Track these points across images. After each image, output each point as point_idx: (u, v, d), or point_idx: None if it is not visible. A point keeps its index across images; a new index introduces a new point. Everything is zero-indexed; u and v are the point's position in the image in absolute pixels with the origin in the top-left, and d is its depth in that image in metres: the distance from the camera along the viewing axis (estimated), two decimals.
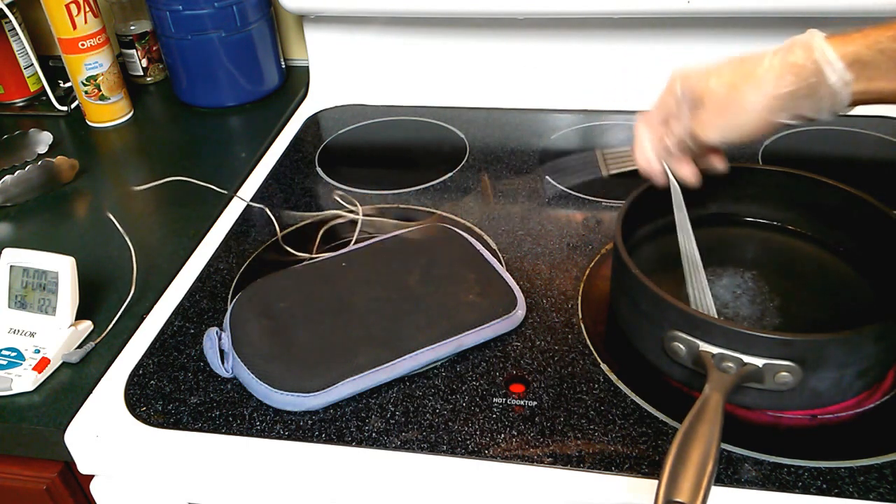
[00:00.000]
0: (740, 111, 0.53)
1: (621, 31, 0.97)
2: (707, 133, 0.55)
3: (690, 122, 0.56)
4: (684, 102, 0.56)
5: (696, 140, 0.56)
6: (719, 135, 0.55)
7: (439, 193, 0.86)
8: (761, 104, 0.52)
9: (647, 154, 0.60)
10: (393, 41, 1.05)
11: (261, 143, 0.99)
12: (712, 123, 0.54)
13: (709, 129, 0.55)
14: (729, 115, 0.54)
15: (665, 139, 0.59)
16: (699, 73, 0.55)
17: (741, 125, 0.53)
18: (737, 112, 0.53)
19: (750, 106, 0.52)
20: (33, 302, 0.68)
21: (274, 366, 0.60)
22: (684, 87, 0.56)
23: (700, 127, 0.55)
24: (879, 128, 0.92)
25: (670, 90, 0.58)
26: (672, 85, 0.57)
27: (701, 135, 0.55)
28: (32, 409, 0.63)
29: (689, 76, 0.56)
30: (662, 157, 0.60)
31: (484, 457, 0.56)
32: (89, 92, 1.02)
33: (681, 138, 0.57)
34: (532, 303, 0.69)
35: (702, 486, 0.44)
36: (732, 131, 0.54)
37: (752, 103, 0.52)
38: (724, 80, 0.54)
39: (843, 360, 0.52)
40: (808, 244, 0.69)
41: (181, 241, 0.81)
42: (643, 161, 0.61)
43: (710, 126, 0.55)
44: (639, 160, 0.61)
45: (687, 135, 0.56)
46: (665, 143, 0.59)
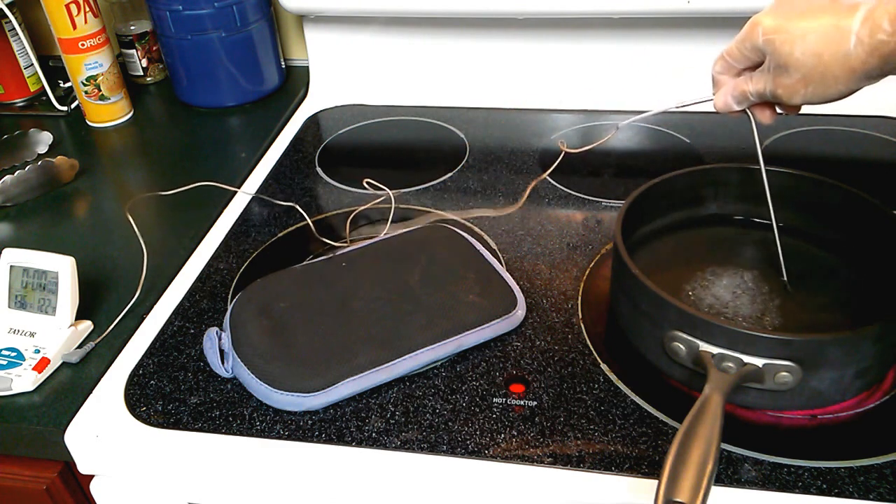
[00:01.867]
0: (826, 83, 0.53)
1: (621, 31, 0.97)
2: (792, 98, 0.55)
3: (773, 83, 0.55)
4: (769, 61, 0.55)
5: (778, 99, 0.56)
6: (803, 100, 0.55)
7: (439, 193, 0.86)
8: (847, 74, 0.52)
9: (730, 102, 0.60)
10: (393, 41, 1.06)
11: (261, 143, 0.99)
12: (797, 91, 0.54)
13: (794, 96, 0.55)
14: (812, 84, 0.53)
15: (747, 91, 0.58)
16: (783, 36, 0.54)
17: (826, 94, 0.54)
18: (823, 84, 0.53)
19: (836, 79, 0.52)
20: (33, 302, 0.68)
21: (274, 366, 0.60)
22: (769, 47, 0.55)
23: (784, 91, 0.55)
24: (879, 128, 0.92)
25: (752, 42, 0.56)
26: (754, 37, 0.56)
27: (786, 98, 0.55)
28: (32, 409, 0.63)
29: (774, 35, 0.54)
30: (743, 105, 0.60)
31: (484, 457, 0.56)
32: (89, 92, 1.03)
33: (763, 94, 0.57)
34: (532, 303, 0.69)
35: (702, 486, 0.44)
36: (816, 98, 0.54)
37: (836, 76, 0.52)
38: (810, 49, 0.52)
39: (843, 360, 0.52)
40: (808, 244, 0.69)
41: (181, 241, 0.81)
42: (724, 107, 0.60)
43: (794, 92, 0.54)
44: (719, 106, 0.61)
45: (771, 93, 0.56)
46: (746, 94, 0.58)
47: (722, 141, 0.92)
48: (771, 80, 0.56)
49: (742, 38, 0.57)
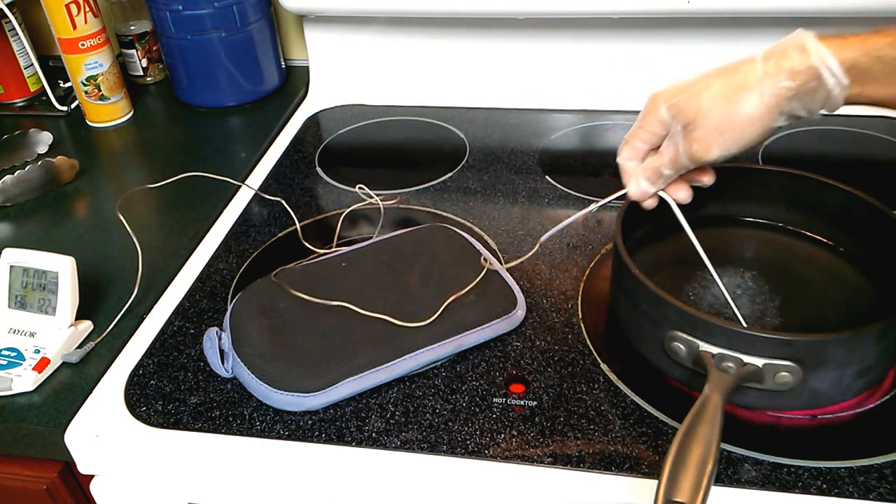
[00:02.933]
0: (740, 123, 0.52)
1: (621, 31, 0.97)
2: (709, 152, 0.53)
3: (685, 143, 0.54)
4: (677, 126, 0.54)
5: (696, 160, 0.54)
6: (721, 151, 0.53)
7: (439, 193, 0.86)
8: (761, 111, 0.51)
9: (644, 185, 0.59)
10: (393, 41, 1.05)
11: (261, 143, 0.99)
12: (712, 141, 0.53)
13: (710, 148, 0.53)
14: (729, 129, 0.52)
15: (660, 167, 0.57)
16: (685, 93, 0.53)
17: (743, 137, 0.52)
18: (737, 125, 0.52)
19: (749, 116, 0.51)
20: (33, 302, 0.68)
21: (274, 366, 0.60)
22: (673, 111, 0.54)
23: (700, 145, 0.53)
24: (879, 128, 0.92)
25: (655, 115, 0.56)
26: (655, 109, 0.55)
27: (701, 154, 0.54)
28: (32, 409, 0.63)
29: (675, 98, 0.54)
30: (658, 185, 0.58)
31: (484, 457, 0.56)
32: (89, 92, 1.02)
33: (679, 163, 0.55)
34: (532, 303, 0.69)
35: (701, 486, 0.44)
36: (734, 144, 0.53)
37: (751, 114, 0.51)
38: (718, 95, 0.52)
39: (843, 360, 0.52)
40: (808, 244, 0.69)
41: (181, 241, 0.81)
42: (639, 194, 0.59)
43: (710, 144, 0.53)
44: (634, 193, 0.60)
45: (686, 158, 0.55)
46: (660, 170, 0.57)
47: None
48: (682, 141, 0.54)
49: (643, 115, 0.56)
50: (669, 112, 0.54)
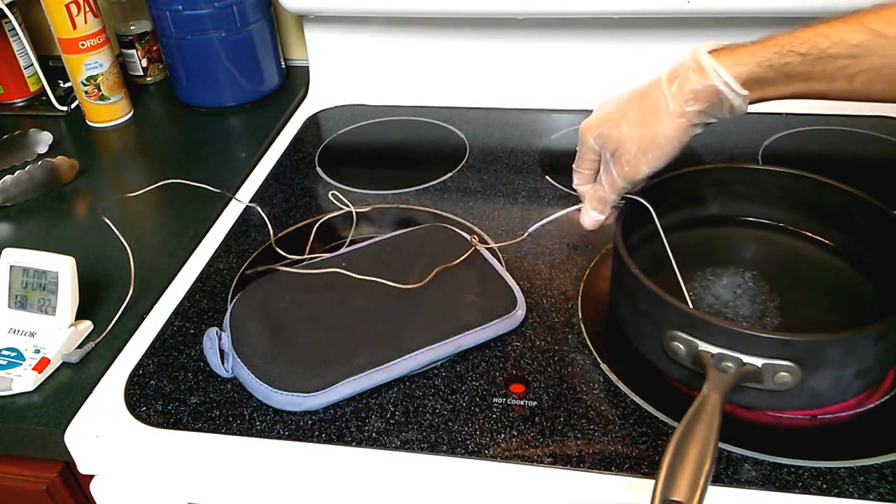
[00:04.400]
0: (659, 143, 0.58)
1: (621, 31, 0.97)
2: (638, 171, 0.59)
3: (616, 167, 0.60)
4: (606, 154, 0.61)
5: (630, 180, 0.60)
6: (649, 168, 0.59)
7: (439, 193, 0.86)
8: (675, 131, 0.57)
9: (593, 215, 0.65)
10: (393, 41, 1.05)
11: (261, 143, 0.99)
12: (639, 161, 0.59)
13: (639, 167, 0.59)
14: (650, 149, 0.58)
15: (603, 196, 0.63)
16: (608, 124, 0.60)
17: (665, 153, 0.58)
18: (656, 145, 0.58)
19: (666, 136, 0.57)
20: (33, 302, 0.68)
21: (274, 366, 0.60)
22: (600, 140, 0.61)
23: (630, 167, 0.59)
24: (879, 128, 0.92)
25: (586, 146, 0.63)
26: (586, 141, 0.63)
27: (633, 175, 0.60)
28: (32, 409, 0.63)
29: (600, 130, 0.61)
30: (606, 211, 0.64)
31: (484, 457, 0.56)
32: (89, 92, 1.03)
33: (616, 186, 0.61)
34: (532, 303, 0.69)
35: (699, 486, 0.44)
36: (659, 161, 0.59)
37: (666, 134, 0.57)
38: (634, 121, 0.58)
39: (843, 361, 0.52)
40: (809, 244, 0.69)
41: (181, 241, 0.81)
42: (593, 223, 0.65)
43: (638, 164, 0.59)
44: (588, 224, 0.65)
45: (621, 180, 0.61)
46: (604, 198, 0.63)
47: (722, 141, 0.92)
48: (614, 166, 0.61)
49: (579, 146, 0.64)
50: (597, 142, 0.62)
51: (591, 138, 0.62)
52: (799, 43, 0.53)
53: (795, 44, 0.53)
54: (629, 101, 0.60)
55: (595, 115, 0.62)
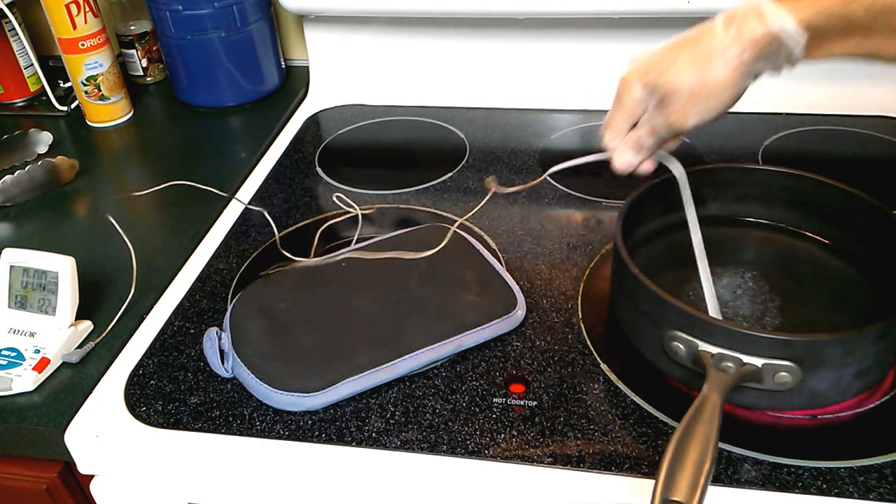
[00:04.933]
0: (713, 92, 0.54)
1: (621, 31, 0.97)
2: (686, 121, 0.56)
3: (663, 116, 0.56)
4: (652, 101, 0.57)
5: (675, 130, 0.57)
6: (697, 119, 0.56)
7: (439, 193, 0.86)
8: (731, 79, 0.54)
9: (628, 157, 0.60)
10: (393, 41, 1.05)
11: (261, 143, 0.99)
12: (688, 111, 0.55)
13: (687, 118, 0.56)
14: (702, 99, 0.55)
15: (641, 137, 0.59)
16: (655, 70, 0.56)
17: (717, 104, 0.55)
18: (709, 94, 0.54)
19: (720, 85, 0.54)
20: (33, 302, 0.68)
21: (274, 366, 0.60)
22: (647, 89, 0.57)
23: (677, 117, 0.56)
24: (879, 128, 0.92)
25: (630, 96, 0.58)
26: (630, 90, 0.58)
27: (680, 124, 0.56)
28: (32, 409, 0.63)
29: (647, 76, 0.56)
30: (641, 154, 0.60)
31: (484, 457, 0.56)
32: (89, 92, 1.03)
33: (658, 134, 0.58)
34: (532, 303, 0.69)
35: (699, 486, 0.44)
36: (709, 112, 0.55)
37: (720, 82, 0.54)
38: (686, 68, 0.54)
39: (843, 361, 0.52)
40: (808, 244, 0.69)
41: (181, 241, 0.81)
42: (625, 165, 0.61)
43: (687, 114, 0.55)
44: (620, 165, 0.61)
45: (665, 129, 0.57)
46: (641, 140, 0.59)
47: (722, 141, 0.92)
48: (659, 114, 0.57)
49: (619, 97, 0.59)
50: (644, 90, 0.57)
51: (637, 87, 0.57)
52: None
53: None
54: (678, 48, 0.56)
55: (637, 64, 0.58)
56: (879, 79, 0.95)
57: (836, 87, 0.95)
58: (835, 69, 0.96)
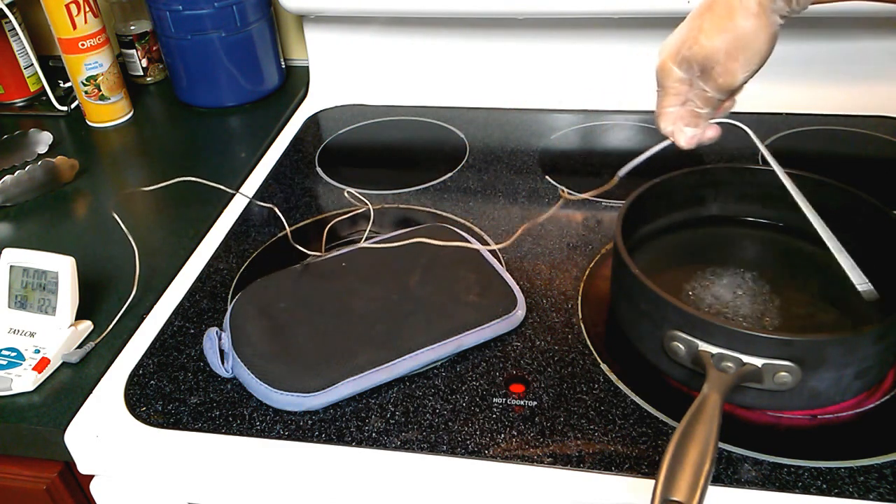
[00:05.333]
0: (747, 42, 0.55)
1: (621, 31, 0.97)
2: (735, 78, 0.57)
3: (710, 81, 0.57)
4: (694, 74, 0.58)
5: (727, 90, 0.58)
6: (745, 72, 0.56)
7: (439, 193, 0.86)
8: (758, 26, 0.54)
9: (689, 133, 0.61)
10: (393, 41, 1.05)
11: (261, 143, 0.99)
12: (733, 67, 0.56)
13: (735, 75, 0.56)
14: (741, 50, 0.55)
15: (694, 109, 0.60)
16: (686, 45, 0.57)
17: (756, 53, 0.55)
18: (744, 46, 0.55)
19: (750, 34, 0.55)
20: (33, 302, 0.68)
21: (274, 366, 0.60)
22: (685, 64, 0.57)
23: (724, 77, 0.57)
24: (879, 128, 0.92)
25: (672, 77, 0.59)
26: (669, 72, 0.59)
27: (730, 83, 0.57)
28: (32, 409, 0.63)
29: (680, 54, 0.57)
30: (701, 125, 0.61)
31: (484, 457, 0.56)
32: (89, 92, 1.03)
33: (712, 100, 0.59)
34: (532, 303, 0.69)
35: (699, 486, 0.44)
36: (751, 62, 0.56)
37: (750, 32, 0.55)
38: (713, 31, 0.56)
39: (843, 361, 0.52)
40: (809, 244, 0.69)
41: (181, 241, 0.81)
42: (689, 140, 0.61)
43: (733, 72, 0.56)
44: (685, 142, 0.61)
45: (717, 92, 0.58)
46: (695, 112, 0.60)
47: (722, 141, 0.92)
48: (706, 82, 0.58)
49: (662, 82, 0.60)
50: (682, 67, 0.58)
51: (674, 67, 0.58)
52: None
53: None
54: (699, 17, 0.57)
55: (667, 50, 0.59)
56: (879, 79, 0.95)
57: (836, 87, 0.96)
58: (835, 69, 0.96)
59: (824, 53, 0.94)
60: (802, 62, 0.95)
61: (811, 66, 0.96)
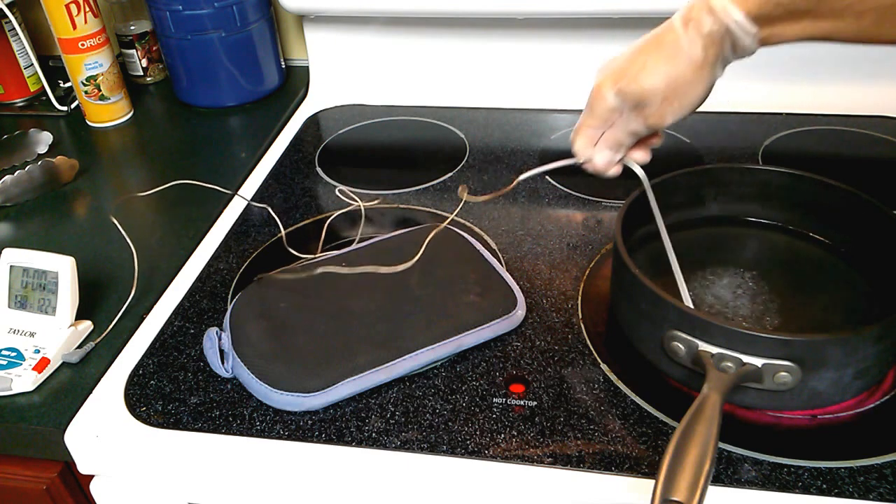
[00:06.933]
0: (684, 90, 0.56)
1: (621, 31, 0.97)
2: (664, 120, 0.58)
3: (640, 119, 0.58)
4: (626, 106, 0.59)
5: (653, 129, 0.59)
6: (674, 117, 0.58)
7: (439, 193, 0.86)
8: (698, 76, 0.56)
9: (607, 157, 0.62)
10: (393, 41, 1.05)
11: (261, 143, 0.99)
12: (665, 111, 0.57)
13: (665, 117, 0.57)
14: (675, 97, 0.56)
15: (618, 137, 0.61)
16: (626, 79, 0.58)
17: (690, 101, 0.57)
18: (681, 93, 0.56)
19: (689, 83, 0.56)
20: (33, 302, 0.68)
21: (274, 366, 0.60)
22: (620, 96, 0.58)
23: (655, 118, 0.58)
24: (879, 128, 0.92)
25: (603, 104, 0.59)
26: (603, 99, 0.59)
27: (659, 124, 0.58)
28: (32, 409, 0.63)
29: (619, 84, 0.58)
30: (620, 153, 0.62)
31: (484, 457, 0.56)
32: (89, 92, 1.03)
33: (637, 133, 0.60)
34: (532, 303, 0.69)
35: (699, 486, 0.44)
36: (684, 108, 0.57)
37: (691, 80, 0.56)
38: (654, 72, 0.56)
39: (843, 361, 0.52)
40: (808, 244, 0.69)
41: (181, 241, 0.81)
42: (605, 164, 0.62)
43: (664, 114, 0.57)
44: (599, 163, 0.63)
45: (642, 127, 0.59)
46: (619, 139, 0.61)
47: (722, 141, 0.92)
48: (637, 118, 0.59)
49: (591, 105, 0.61)
50: (617, 98, 0.58)
51: (610, 95, 0.58)
52: None
53: None
54: (644, 52, 0.57)
55: (607, 72, 0.59)
56: (879, 79, 0.95)
57: (836, 87, 0.96)
58: (835, 69, 0.96)
59: (824, 53, 0.94)
60: (802, 62, 0.95)
61: (811, 66, 0.96)
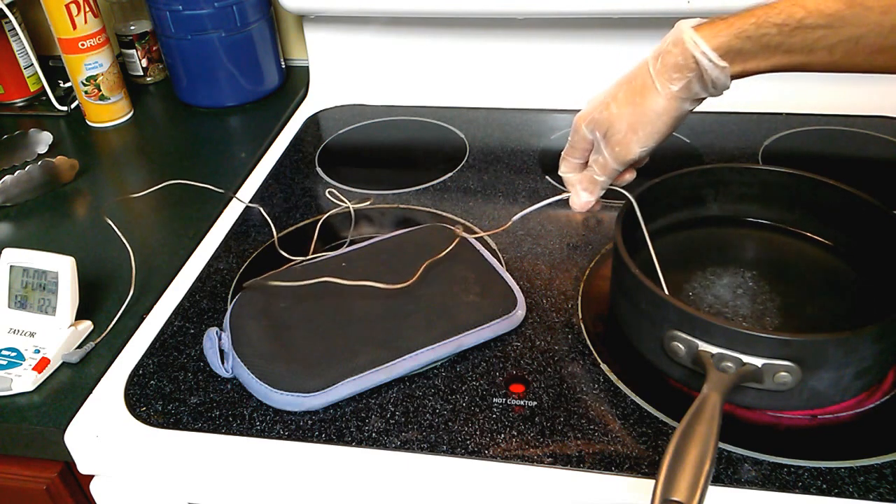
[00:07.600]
0: (649, 121, 0.58)
1: (621, 31, 0.97)
2: (630, 150, 0.60)
3: (608, 149, 0.61)
4: (598, 137, 0.62)
5: (622, 161, 0.61)
6: (640, 147, 0.60)
7: (439, 193, 0.86)
8: (664, 107, 0.57)
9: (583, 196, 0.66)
10: (393, 41, 1.06)
11: (261, 143, 0.99)
12: (629, 141, 0.59)
13: (630, 147, 0.60)
14: (641, 126, 0.59)
15: (592, 176, 0.64)
16: (598, 108, 0.61)
17: (654, 131, 0.59)
18: (646, 122, 0.58)
19: (655, 113, 0.58)
20: (33, 302, 0.68)
21: (274, 366, 0.60)
22: (591, 126, 0.62)
23: (621, 148, 0.60)
24: (879, 128, 0.92)
25: (578, 134, 0.63)
26: (578, 129, 0.63)
27: (624, 154, 0.60)
28: (32, 409, 0.63)
29: (591, 115, 0.61)
30: (596, 193, 0.65)
31: (484, 457, 0.56)
32: (89, 92, 1.03)
33: (608, 167, 0.62)
34: (532, 303, 0.69)
35: (699, 486, 0.44)
36: (650, 139, 0.59)
37: (656, 111, 0.58)
38: (623, 102, 0.59)
39: (843, 361, 0.52)
40: (808, 244, 0.69)
41: (181, 241, 0.81)
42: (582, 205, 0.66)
43: (629, 143, 0.60)
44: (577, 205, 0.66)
45: (613, 161, 0.61)
46: (593, 179, 0.64)
47: (722, 141, 0.92)
48: (605, 148, 0.61)
49: (571, 135, 0.65)
50: (588, 127, 0.62)
51: (583, 126, 0.62)
52: (775, 13, 0.53)
53: (772, 14, 0.53)
54: (618, 85, 0.60)
55: (587, 106, 0.63)
56: (879, 79, 0.95)
57: (836, 87, 0.96)
58: None
59: None
60: None
61: None
